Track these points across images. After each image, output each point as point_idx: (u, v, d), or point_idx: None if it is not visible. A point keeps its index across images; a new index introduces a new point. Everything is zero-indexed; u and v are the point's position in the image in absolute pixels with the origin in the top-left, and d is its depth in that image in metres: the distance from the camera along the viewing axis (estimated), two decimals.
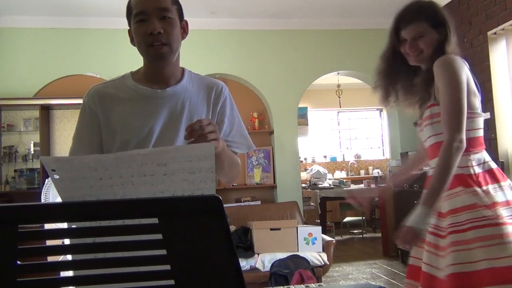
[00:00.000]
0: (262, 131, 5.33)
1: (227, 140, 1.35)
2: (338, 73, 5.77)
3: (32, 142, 4.80)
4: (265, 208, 4.75)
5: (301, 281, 3.38)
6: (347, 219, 7.18)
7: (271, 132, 5.32)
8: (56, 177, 0.87)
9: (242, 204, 5.01)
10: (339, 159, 8.67)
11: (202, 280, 0.46)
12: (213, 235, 0.46)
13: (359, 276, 4.41)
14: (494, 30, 4.05)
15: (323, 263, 3.78)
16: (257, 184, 5.27)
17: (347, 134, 8.99)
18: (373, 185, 5.90)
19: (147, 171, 0.87)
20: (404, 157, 4.89)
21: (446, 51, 1.55)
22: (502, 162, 3.90)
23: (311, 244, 3.95)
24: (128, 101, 1.29)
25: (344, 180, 6.71)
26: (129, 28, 1.30)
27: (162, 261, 0.46)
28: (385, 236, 5.18)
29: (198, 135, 1.06)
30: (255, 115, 5.33)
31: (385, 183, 1.54)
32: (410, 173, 1.85)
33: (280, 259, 3.79)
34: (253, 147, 1.45)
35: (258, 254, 4.03)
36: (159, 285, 0.47)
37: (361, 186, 6.24)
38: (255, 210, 4.69)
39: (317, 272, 3.71)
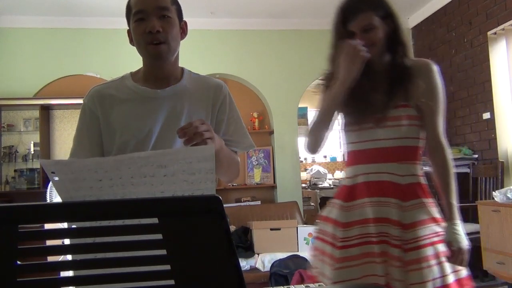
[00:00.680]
0: (262, 131, 5.32)
1: (227, 139, 1.34)
2: None
3: (32, 142, 4.80)
4: (265, 208, 4.75)
5: (301, 281, 3.38)
6: None
7: (271, 132, 5.31)
8: (56, 179, 0.87)
9: (242, 204, 5.00)
10: (339, 159, 8.66)
11: (202, 280, 0.46)
12: (213, 235, 0.46)
13: None
14: (494, 30, 4.05)
15: None
16: (257, 184, 5.27)
17: None
18: None
19: (147, 172, 0.87)
20: None
21: (402, 40, 1.47)
22: (502, 162, 3.90)
23: (311, 244, 3.95)
24: (127, 102, 1.29)
25: None
26: (128, 28, 1.30)
27: (162, 261, 0.46)
28: None
29: (192, 133, 1.05)
30: (255, 115, 5.33)
31: None
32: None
33: (280, 259, 3.79)
34: (254, 146, 1.45)
35: (258, 254, 4.03)
36: (159, 285, 0.47)
37: None
38: (255, 210, 4.69)
39: None
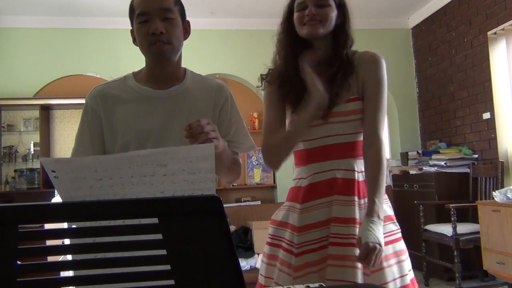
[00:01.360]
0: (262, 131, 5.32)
1: (229, 140, 1.34)
2: None
3: (32, 142, 4.80)
4: (265, 208, 4.75)
5: None
6: None
7: None
8: (56, 177, 0.87)
9: (242, 204, 5.00)
10: None
11: (202, 280, 0.46)
12: (213, 235, 0.46)
13: None
14: (494, 30, 4.05)
15: None
16: (257, 184, 5.27)
17: None
18: None
19: (147, 172, 0.87)
20: (404, 157, 4.88)
21: (348, 33, 1.40)
22: (502, 162, 3.90)
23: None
24: (130, 102, 1.30)
25: None
26: (131, 28, 1.30)
27: (162, 261, 0.46)
28: None
29: (198, 133, 1.06)
30: (255, 115, 5.33)
31: None
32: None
33: None
34: (255, 147, 1.45)
35: (258, 254, 4.03)
36: (159, 285, 0.47)
37: None
38: (255, 210, 4.69)
39: None
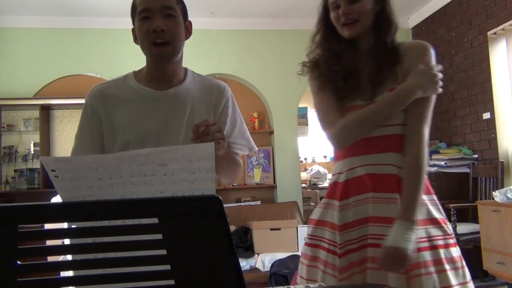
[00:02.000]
0: (262, 131, 5.32)
1: (229, 141, 1.34)
2: None
3: (32, 142, 4.80)
4: (265, 208, 4.75)
5: None
6: None
7: (271, 132, 5.31)
8: (56, 177, 0.87)
9: (242, 204, 5.00)
10: None
11: (202, 280, 0.46)
12: (213, 235, 0.46)
13: None
14: (494, 30, 4.05)
15: None
16: (257, 184, 5.27)
17: None
18: None
19: (147, 171, 0.87)
20: None
21: (390, 18, 1.32)
22: (502, 162, 3.90)
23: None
24: (130, 102, 1.29)
25: None
26: (133, 27, 1.29)
27: (162, 261, 0.46)
28: None
29: (205, 134, 1.07)
30: (255, 115, 5.33)
31: None
32: None
33: (280, 259, 3.79)
34: (255, 148, 1.44)
35: (258, 254, 4.03)
36: (159, 285, 0.47)
37: None
38: (255, 210, 4.69)
39: None
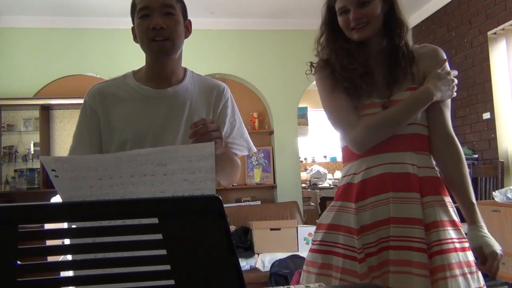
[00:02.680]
0: (262, 131, 5.32)
1: (228, 141, 1.34)
2: None
3: (32, 142, 4.80)
4: (265, 208, 4.75)
5: None
6: None
7: (271, 132, 5.31)
8: (56, 177, 0.87)
9: (242, 204, 5.00)
10: (339, 159, 8.67)
11: (202, 280, 0.46)
12: (213, 235, 0.46)
13: None
14: (494, 30, 4.05)
15: None
16: (257, 184, 5.27)
17: None
18: None
19: (147, 171, 0.87)
20: None
21: (400, 19, 1.30)
22: (502, 162, 3.90)
23: (311, 244, 3.95)
24: (128, 101, 1.29)
25: None
26: (132, 25, 1.30)
27: (162, 261, 0.46)
28: None
29: (202, 133, 1.07)
30: (255, 115, 5.33)
31: None
32: None
33: (280, 259, 3.79)
34: (254, 149, 1.44)
35: (258, 254, 4.03)
36: (159, 285, 0.47)
37: None
38: (255, 210, 4.69)
39: None
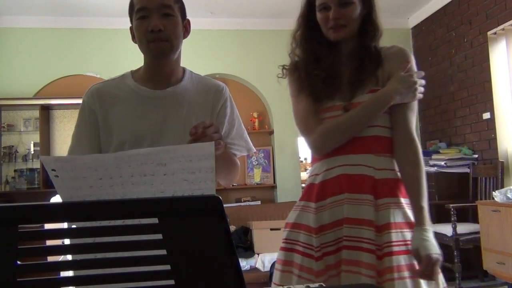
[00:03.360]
0: (262, 131, 5.32)
1: (227, 142, 1.34)
2: None
3: (32, 142, 4.80)
4: (265, 208, 4.75)
5: None
6: None
7: (271, 132, 5.31)
8: (56, 176, 0.87)
9: (242, 204, 5.00)
10: None
11: (202, 280, 0.46)
12: (213, 235, 0.46)
13: None
14: (494, 30, 4.05)
15: None
16: (257, 184, 5.27)
17: None
18: None
19: (147, 171, 0.87)
20: None
21: (375, 23, 1.30)
22: (502, 162, 3.90)
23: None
24: (127, 101, 1.29)
25: None
26: (131, 25, 1.29)
27: (162, 261, 0.46)
28: None
29: (201, 137, 1.06)
30: (255, 115, 5.33)
31: None
32: None
33: None
34: (253, 149, 1.44)
35: (258, 254, 4.03)
36: (159, 285, 0.47)
37: None
38: (255, 210, 4.69)
39: None
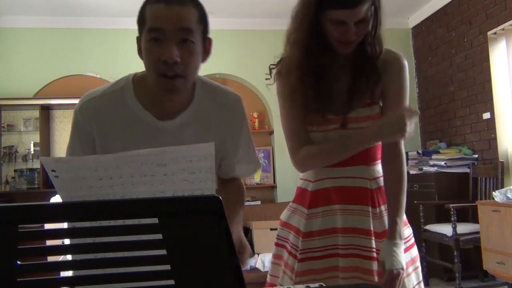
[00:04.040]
0: (262, 131, 5.32)
1: (234, 161, 1.23)
2: None
3: (32, 142, 4.80)
4: (265, 208, 4.75)
5: None
6: None
7: (271, 132, 5.31)
8: (56, 177, 0.87)
9: None
10: None
11: (202, 280, 0.46)
12: (213, 235, 0.46)
13: None
14: (494, 30, 4.05)
15: None
16: (257, 184, 5.27)
17: None
18: None
19: (147, 171, 0.87)
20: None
21: (380, 40, 1.25)
22: (502, 162, 3.90)
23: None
24: (127, 127, 1.10)
25: None
26: (138, 36, 1.08)
27: (162, 261, 0.46)
28: None
29: None
30: (255, 115, 5.33)
31: None
32: None
33: None
34: (260, 167, 1.35)
35: (258, 254, 4.03)
36: (159, 285, 0.47)
37: None
38: (255, 210, 4.69)
39: None
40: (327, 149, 1.26)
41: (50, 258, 1.70)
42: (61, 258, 1.77)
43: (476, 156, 4.30)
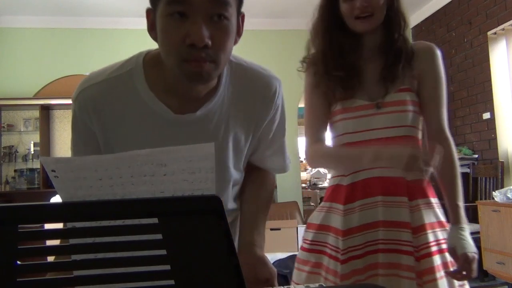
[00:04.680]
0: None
1: (264, 157, 1.07)
2: None
3: (32, 142, 4.80)
4: None
5: None
6: None
7: None
8: (56, 177, 0.86)
9: None
10: None
11: (202, 280, 0.46)
12: (213, 235, 0.46)
13: None
14: (494, 30, 4.05)
15: None
16: None
17: None
18: None
19: (147, 171, 0.87)
20: None
21: (402, 13, 1.24)
22: (502, 162, 3.90)
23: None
24: (138, 122, 0.89)
25: None
26: (149, 7, 0.82)
27: (162, 261, 0.46)
28: None
29: None
30: None
31: None
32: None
33: (280, 259, 3.79)
34: (287, 168, 1.13)
35: None
36: (159, 285, 0.47)
37: None
38: None
39: None
40: (333, 157, 1.29)
41: (50, 258, 1.70)
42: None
43: (476, 156, 4.30)
